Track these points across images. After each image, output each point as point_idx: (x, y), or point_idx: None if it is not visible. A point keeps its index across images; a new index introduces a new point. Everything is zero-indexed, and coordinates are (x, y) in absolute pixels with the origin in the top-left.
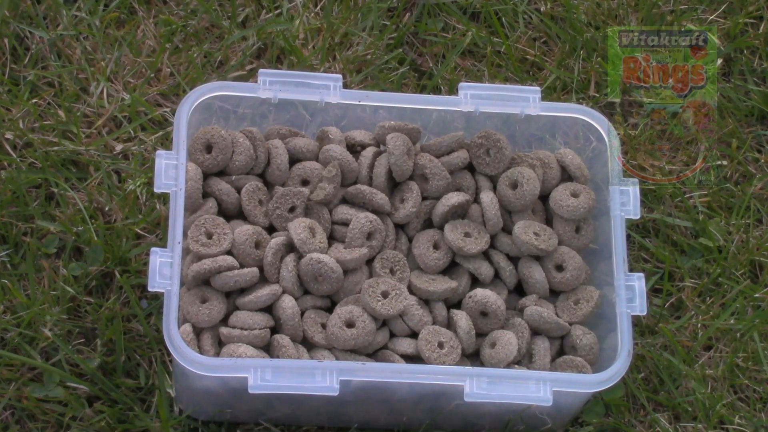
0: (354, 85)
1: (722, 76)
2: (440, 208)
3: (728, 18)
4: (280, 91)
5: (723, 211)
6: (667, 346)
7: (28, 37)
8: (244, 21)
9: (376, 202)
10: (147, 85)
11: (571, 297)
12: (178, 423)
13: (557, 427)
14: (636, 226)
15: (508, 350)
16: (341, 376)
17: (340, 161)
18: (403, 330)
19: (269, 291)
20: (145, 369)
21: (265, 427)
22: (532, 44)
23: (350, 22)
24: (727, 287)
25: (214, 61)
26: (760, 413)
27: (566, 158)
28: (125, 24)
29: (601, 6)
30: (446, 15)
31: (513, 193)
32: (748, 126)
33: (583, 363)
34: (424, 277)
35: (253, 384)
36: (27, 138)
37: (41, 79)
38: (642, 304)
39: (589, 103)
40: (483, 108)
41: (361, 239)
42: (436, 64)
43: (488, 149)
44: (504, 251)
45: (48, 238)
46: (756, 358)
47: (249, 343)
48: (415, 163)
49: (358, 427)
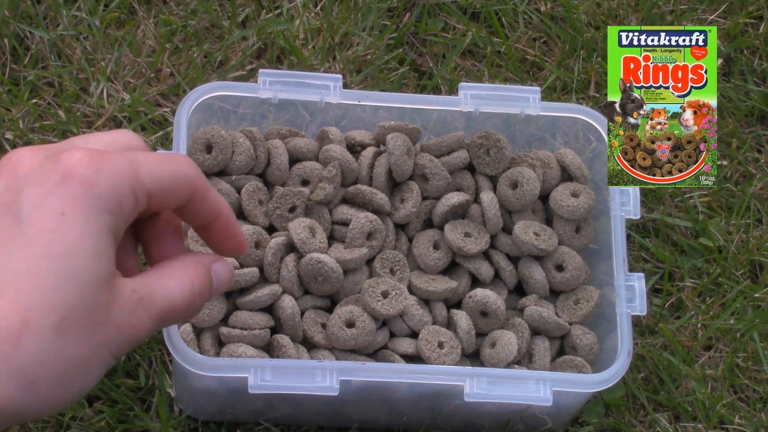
0: (354, 85)
1: (722, 76)
2: (440, 208)
3: (728, 18)
4: (280, 91)
5: (723, 211)
6: (667, 346)
7: (28, 37)
8: (244, 21)
9: (376, 202)
10: (147, 85)
11: (571, 297)
12: (178, 423)
13: (557, 427)
14: (636, 226)
15: (508, 350)
16: (341, 376)
17: (340, 161)
18: (403, 330)
19: (269, 291)
20: (145, 369)
21: (265, 427)
22: (532, 44)
23: (350, 22)
24: (727, 287)
25: (214, 61)
26: (760, 413)
27: (566, 158)
28: (125, 24)
29: (601, 6)
30: (446, 15)
31: (513, 193)
32: (748, 126)
33: (583, 363)
34: (424, 277)
35: (253, 384)
36: (27, 138)
37: (41, 79)
38: (642, 304)
39: (589, 103)
40: (483, 108)
41: (362, 239)
42: (436, 64)
43: (488, 149)
44: (504, 251)
45: None
46: (756, 358)
47: (249, 343)
48: (415, 163)
49: (358, 427)
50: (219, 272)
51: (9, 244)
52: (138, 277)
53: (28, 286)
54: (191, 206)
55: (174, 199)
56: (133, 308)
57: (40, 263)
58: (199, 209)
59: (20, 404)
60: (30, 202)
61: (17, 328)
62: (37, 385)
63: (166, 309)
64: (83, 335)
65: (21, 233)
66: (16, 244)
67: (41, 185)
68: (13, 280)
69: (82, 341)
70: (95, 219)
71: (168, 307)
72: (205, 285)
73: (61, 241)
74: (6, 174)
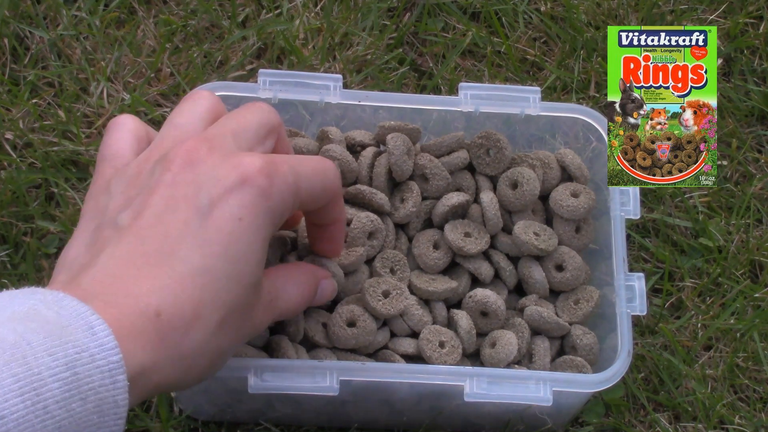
0: (354, 85)
1: (722, 76)
2: (440, 208)
3: (728, 18)
4: (280, 91)
5: (723, 211)
6: (667, 346)
7: (28, 37)
8: (244, 21)
9: (377, 202)
10: (147, 85)
11: (571, 297)
12: (178, 423)
13: (557, 427)
14: (636, 226)
15: (508, 350)
16: (341, 376)
17: (340, 161)
18: (404, 330)
19: None
20: None
21: (265, 427)
22: (532, 44)
23: (350, 22)
24: (727, 287)
25: (214, 61)
26: (760, 413)
27: (566, 158)
28: (125, 24)
29: (601, 6)
30: (446, 15)
31: (513, 193)
32: (748, 126)
33: (583, 363)
34: (424, 277)
35: (252, 384)
36: (27, 138)
37: (41, 79)
38: (642, 304)
39: (589, 103)
40: (483, 108)
41: (363, 239)
42: (436, 64)
43: (488, 149)
44: (504, 251)
45: (48, 238)
46: (756, 358)
47: (249, 342)
48: (415, 163)
49: (358, 427)
50: (324, 288)
51: (191, 238)
52: (268, 278)
53: (204, 282)
54: (324, 209)
55: (317, 205)
56: (266, 308)
57: (217, 264)
58: (329, 213)
59: (174, 383)
60: (210, 199)
61: (190, 320)
62: (193, 371)
63: (283, 311)
64: (235, 330)
65: (202, 228)
66: (197, 239)
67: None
68: (191, 275)
69: (234, 335)
70: (265, 229)
71: (285, 309)
72: (312, 296)
73: (236, 245)
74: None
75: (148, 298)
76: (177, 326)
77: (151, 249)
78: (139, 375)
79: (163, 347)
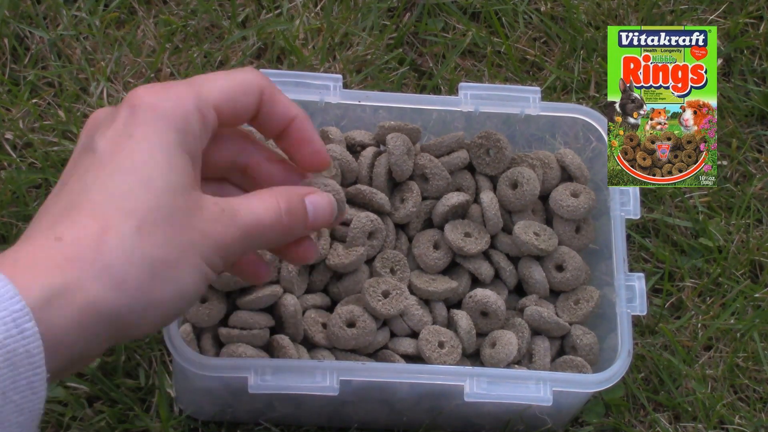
0: (354, 85)
1: (722, 76)
2: (440, 208)
3: (728, 18)
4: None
5: (723, 211)
6: (667, 346)
7: (28, 37)
8: (244, 21)
9: (377, 202)
10: None
11: (571, 297)
12: (178, 423)
13: (557, 427)
14: (636, 226)
15: (508, 350)
16: (341, 376)
17: (340, 161)
18: (404, 330)
19: (270, 291)
20: (145, 369)
21: (265, 427)
22: (532, 44)
23: (350, 22)
24: (727, 287)
25: (214, 61)
26: (760, 413)
27: (566, 158)
28: (125, 24)
29: (601, 6)
30: (446, 15)
31: (513, 193)
32: (748, 126)
33: (583, 363)
34: (424, 277)
35: (253, 384)
36: (27, 138)
37: (41, 79)
38: (642, 304)
39: (589, 103)
40: (483, 108)
41: (363, 238)
42: (436, 64)
43: (488, 149)
44: (504, 251)
45: None
46: (756, 358)
47: (248, 342)
48: (415, 163)
49: (358, 427)
50: (316, 202)
51: (85, 173)
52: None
53: (103, 197)
54: (263, 112)
55: (244, 105)
56: (216, 218)
57: (113, 177)
58: (272, 113)
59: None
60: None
61: (97, 234)
62: (127, 282)
63: (252, 222)
64: (166, 236)
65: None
66: (90, 172)
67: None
68: (88, 198)
69: (166, 242)
70: (162, 135)
71: (254, 220)
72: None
73: (130, 157)
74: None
75: (47, 231)
76: (86, 243)
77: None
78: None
79: (77, 266)
